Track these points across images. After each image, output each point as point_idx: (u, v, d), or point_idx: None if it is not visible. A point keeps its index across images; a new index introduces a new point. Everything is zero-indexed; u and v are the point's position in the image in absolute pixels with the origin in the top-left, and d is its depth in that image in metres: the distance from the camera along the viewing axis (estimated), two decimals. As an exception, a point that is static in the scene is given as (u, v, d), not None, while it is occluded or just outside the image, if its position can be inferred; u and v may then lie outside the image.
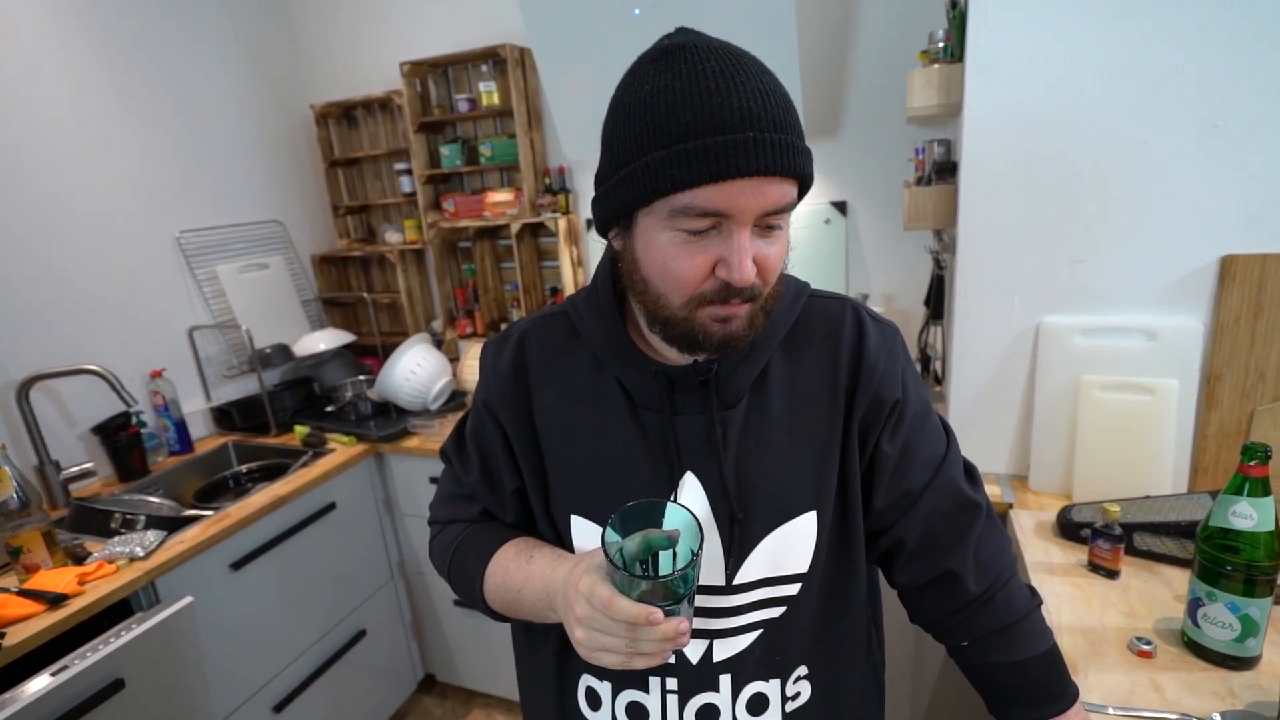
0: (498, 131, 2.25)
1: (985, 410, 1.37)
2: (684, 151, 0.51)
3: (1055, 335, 1.27)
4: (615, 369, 0.65)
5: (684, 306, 0.56)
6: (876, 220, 1.89)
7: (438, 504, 0.79)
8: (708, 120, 0.51)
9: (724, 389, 0.64)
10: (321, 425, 2.03)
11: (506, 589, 0.67)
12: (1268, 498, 0.83)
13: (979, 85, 1.23)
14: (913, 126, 1.74)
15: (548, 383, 0.68)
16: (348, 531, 1.89)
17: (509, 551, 0.69)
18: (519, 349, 0.70)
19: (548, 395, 0.68)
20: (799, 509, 0.64)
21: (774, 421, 0.64)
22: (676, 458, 0.63)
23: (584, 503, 0.65)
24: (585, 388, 0.67)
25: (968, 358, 1.36)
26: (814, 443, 0.64)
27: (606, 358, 0.65)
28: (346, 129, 2.46)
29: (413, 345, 2.04)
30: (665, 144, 0.52)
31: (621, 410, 0.65)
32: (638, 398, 0.65)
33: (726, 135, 0.51)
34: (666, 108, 0.52)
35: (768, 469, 0.63)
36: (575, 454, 0.66)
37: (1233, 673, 0.86)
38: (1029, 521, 1.22)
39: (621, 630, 0.53)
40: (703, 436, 0.63)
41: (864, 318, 0.68)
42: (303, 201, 2.45)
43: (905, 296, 1.88)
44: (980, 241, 1.29)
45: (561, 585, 0.59)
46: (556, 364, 0.68)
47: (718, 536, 0.63)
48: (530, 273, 2.28)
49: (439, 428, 1.91)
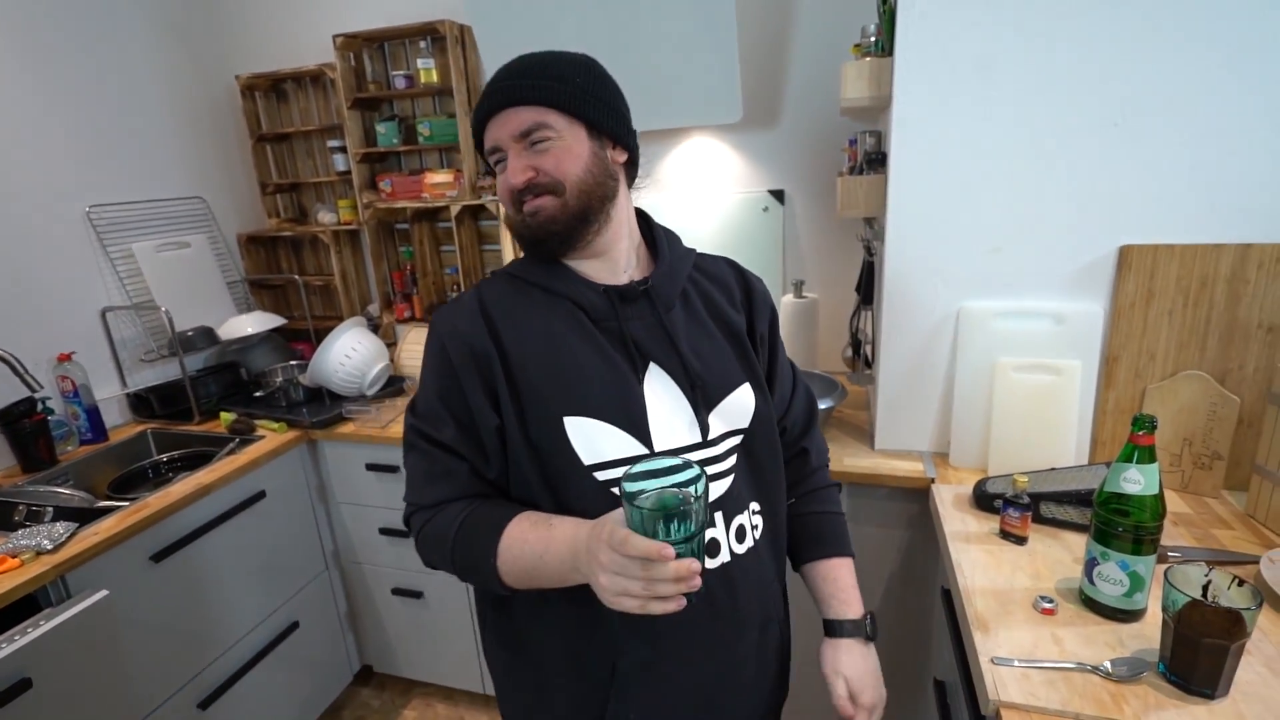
0: (437, 110, 2.20)
1: (912, 391, 1.42)
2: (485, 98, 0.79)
3: (975, 319, 1.33)
4: (570, 293, 0.82)
5: (515, 214, 0.81)
6: (812, 208, 1.94)
7: (418, 488, 0.82)
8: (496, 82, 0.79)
9: (660, 297, 0.84)
10: (250, 412, 1.96)
11: (526, 557, 0.74)
12: (1154, 464, 0.91)
13: (905, 79, 1.27)
14: (846, 118, 1.79)
15: (510, 319, 0.81)
16: (279, 521, 1.83)
17: (522, 524, 0.76)
18: (476, 300, 0.83)
19: (511, 329, 0.80)
20: (737, 380, 0.85)
21: (703, 322, 0.86)
22: (638, 352, 0.81)
23: (573, 404, 0.77)
24: (543, 316, 0.81)
25: (895, 341, 1.41)
26: (733, 337, 0.87)
27: (560, 289, 0.82)
28: (275, 103, 2.35)
29: (347, 329, 1.98)
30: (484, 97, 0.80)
31: (583, 325, 0.81)
32: (593, 313, 0.81)
33: (489, 89, 0.79)
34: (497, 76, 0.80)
35: (708, 353, 0.84)
36: (553, 367, 0.78)
37: (1122, 625, 0.94)
38: (949, 495, 1.29)
39: (638, 570, 0.62)
40: (653, 335, 0.82)
41: (740, 265, 0.96)
42: (227, 178, 2.34)
43: (839, 283, 1.93)
44: (907, 229, 1.33)
45: (586, 541, 0.68)
46: (511, 305, 0.82)
47: (688, 405, 0.81)
48: (470, 256, 2.24)
49: (376, 413, 1.87)
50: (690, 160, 2.01)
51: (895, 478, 1.37)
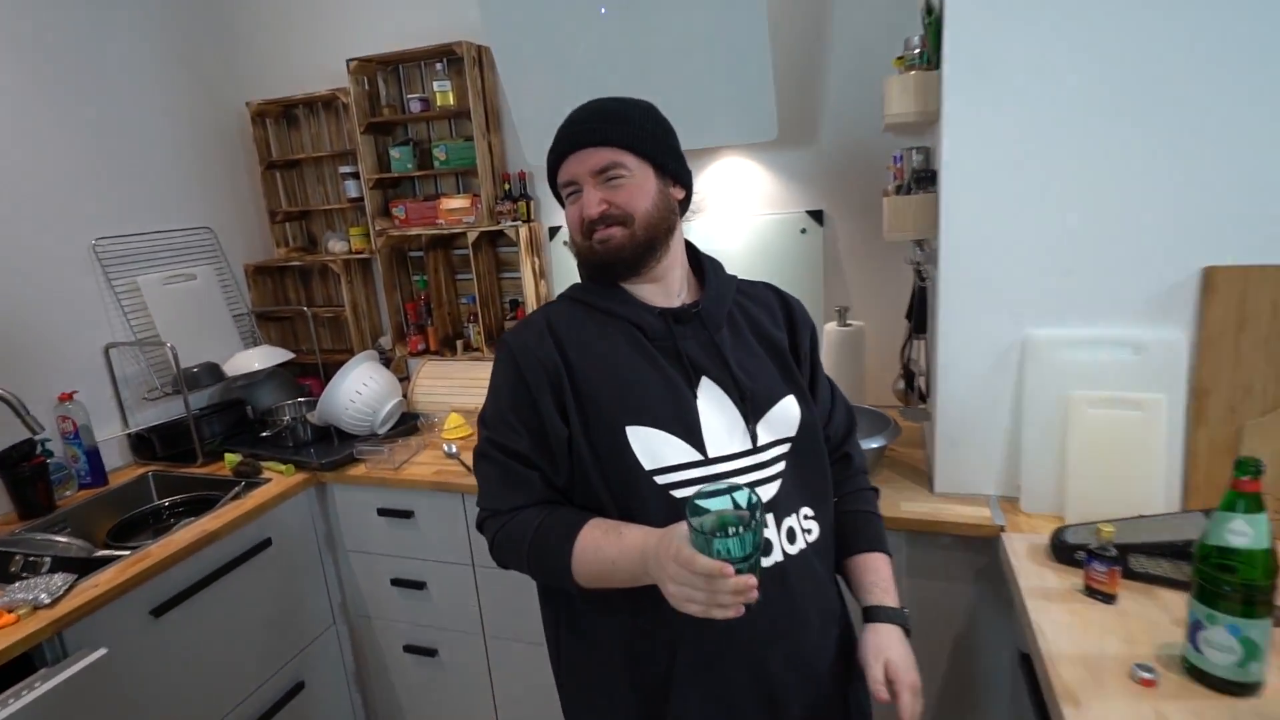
0: (453, 134, 2.24)
1: (974, 428, 1.39)
2: (561, 139, 0.97)
3: (1042, 348, 1.30)
4: (630, 315, 0.96)
5: (583, 241, 0.97)
6: (855, 230, 1.92)
7: (493, 495, 0.96)
8: (570, 124, 0.97)
9: (710, 319, 0.98)
10: (255, 453, 1.96)
11: (600, 562, 0.87)
12: (1262, 514, 0.86)
13: (956, 92, 1.26)
14: (889, 135, 1.77)
15: (575, 338, 0.95)
16: (285, 571, 1.82)
17: (594, 532, 0.88)
18: (545, 320, 0.97)
19: (576, 346, 0.94)
20: (782, 392, 0.98)
21: (748, 341, 1.00)
22: (692, 368, 0.94)
23: (634, 414, 0.90)
24: (605, 335, 0.96)
25: (953, 373, 1.38)
26: (776, 354, 1.01)
27: (621, 311, 0.96)
28: (286, 129, 2.41)
29: (358, 364, 1.99)
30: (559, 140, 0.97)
31: (641, 344, 0.95)
32: (650, 333, 0.95)
33: (569, 128, 0.96)
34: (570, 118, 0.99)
35: (754, 368, 0.97)
36: (615, 381, 0.92)
37: (1237, 699, 0.87)
38: (1021, 545, 1.24)
39: (701, 584, 0.74)
40: (705, 352, 0.96)
41: (779, 289, 1.09)
42: (236, 207, 2.39)
43: (887, 309, 1.90)
44: (963, 252, 1.32)
45: (655, 551, 0.80)
46: (576, 325, 0.97)
47: (739, 415, 0.93)
48: (488, 284, 2.25)
49: (388, 454, 1.86)
50: (723, 181, 2.00)
51: (959, 525, 1.33)
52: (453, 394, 2.20)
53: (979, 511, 1.36)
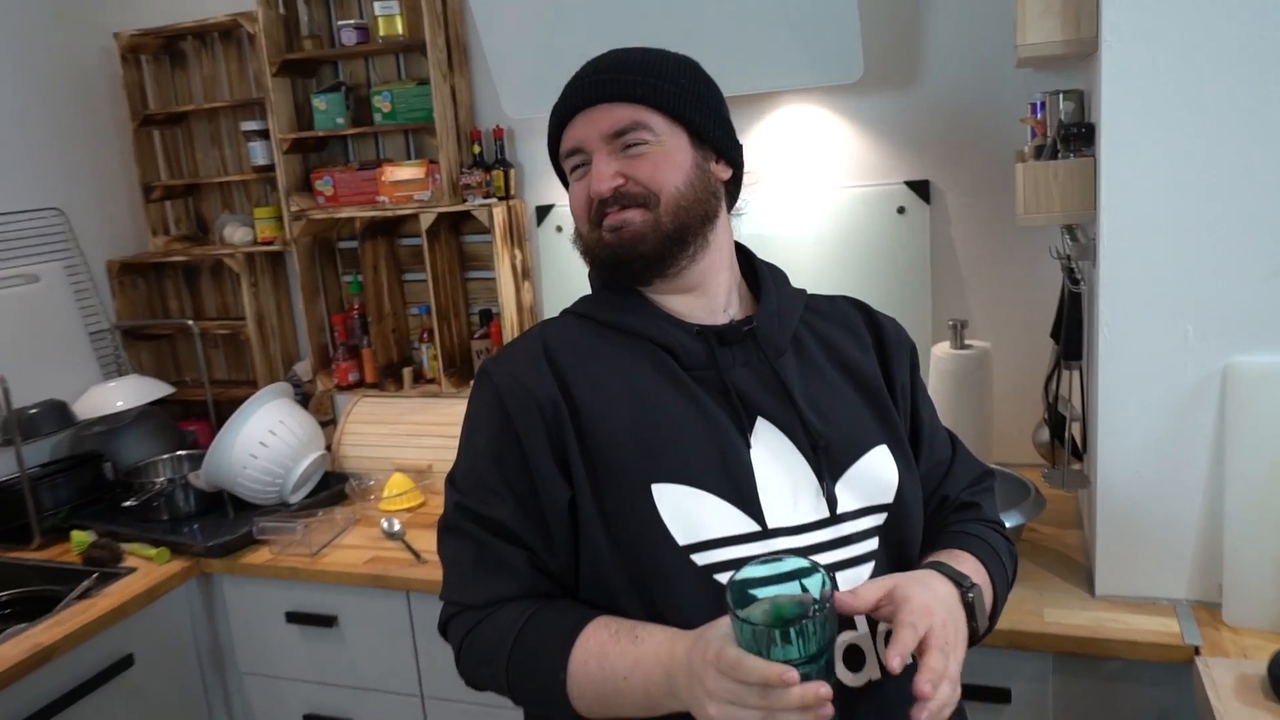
0: (402, 75, 2.27)
1: (1152, 501, 1.38)
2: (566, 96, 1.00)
3: (1253, 383, 1.28)
4: (656, 334, 0.97)
5: (590, 231, 0.99)
6: (975, 209, 1.91)
7: (462, 584, 0.97)
8: (580, 76, 1.00)
9: (769, 339, 0.99)
10: (115, 530, 1.98)
11: (607, 678, 0.86)
12: None
13: (1127, 10, 1.26)
14: (1026, 71, 1.78)
15: (582, 367, 0.96)
16: (152, 704, 1.82)
17: (599, 634, 0.88)
18: (539, 344, 0.99)
19: (584, 378, 0.96)
20: (871, 441, 0.98)
21: (822, 370, 1.01)
22: (743, 406, 0.95)
23: (663, 468, 0.91)
24: (623, 363, 0.97)
25: (1121, 419, 1.37)
26: (863, 387, 1.02)
27: (644, 328, 0.98)
28: (169, 70, 2.46)
29: (264, 402, 2.01)
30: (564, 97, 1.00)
31: (673, 373, 0.96)
32: (685, 358, 0.97)
33: (576, 83, 0.99)
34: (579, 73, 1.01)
35: (831, 406, 0.98)
36: (637, 423, 0.93)
37: None
38: (1226, 675, 1.21)
39: (755, 698, 0.73)
40: (762, 384, 0.97)
41: (865, 304, 1.13)
42: (96, 179, 2.43)
43: (1022, 325, 1.89)
44: (1135, 242, 1.32)
45: (685, 661, 0.80)
46: (582, 349, 0.98)
47: (810, 471, 0.94)
48: (449, 288, 2.27)
49: (303, 534, 1.87)
50: (782, 138, 2.01)
51: (1132, 644, 1.32)
52: (397, 446, 2.20)
53: (1162, 624, 1.34)
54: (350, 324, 2.35)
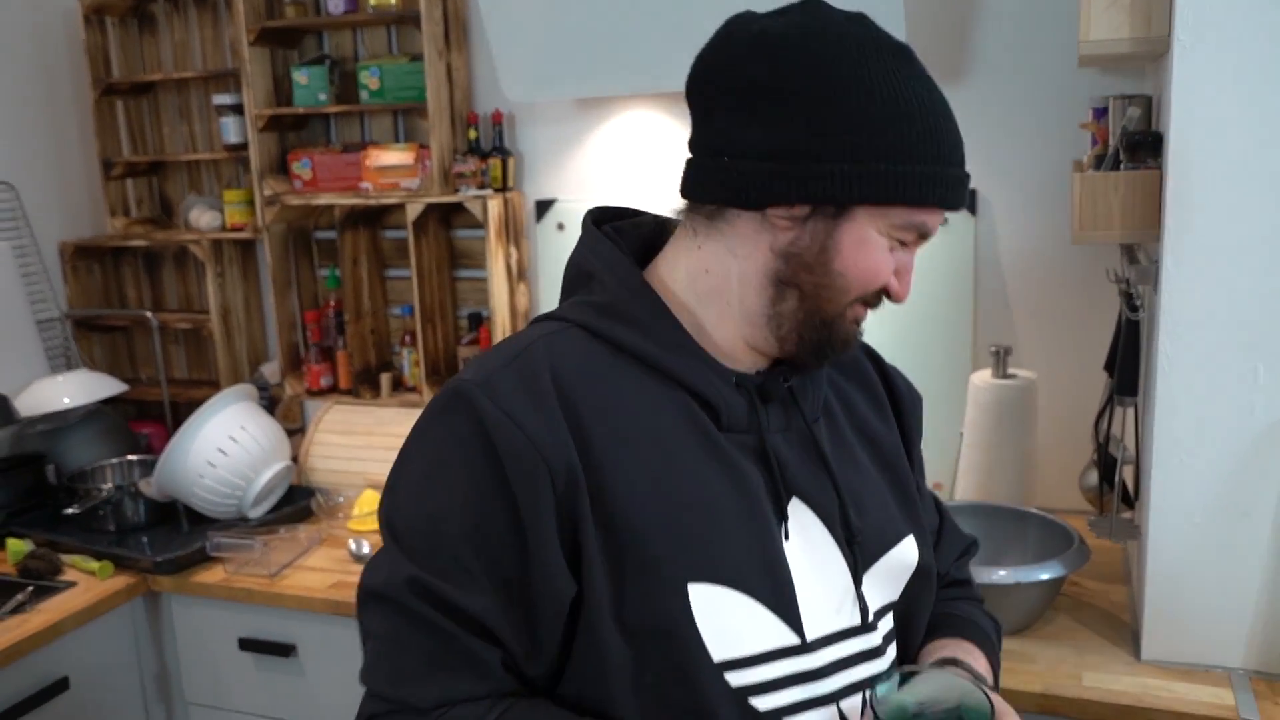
0: (393, 49, 2.27)
1: (1208, 557, 1.37)
2: (946, 176, 0.82)
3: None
4: (693, 380, 0.84)
5: (848, 305, 0.85)
6: (1025, 224, 1.90)
7: (403, 679, 0.80)
8: (953, 150, 0.83)
9: (807, 401, 0.90)
10: (55, 539, 1.97)
11: None
12: None
13: (1204, 7, 1.25)
14: (1089, 72, 1.77)
15: (602, 420, 0.80)
16: (87, 731, 1.80)
17: None
18: (548, 370, 0.81)
19: (608, 438, 0.80)
20: (900, 531, 0.94)
21: (850, 441, 0.95)
22: (783, 481, 0.86)
23: (702, 566, 0.80)
24: (650, 413, 0.83)
25: (1177, 463, 1.36)
26: (884, 464, 0.97)
27: (680, 371, 0.84)
28: (136, 35, 2.45)
29: (225, 405, 2.00)
30: (936, 161, 0.81)
31: (706, 434, 0.83)
32: (725, 416, 0.84)
33: (958, 169, 0.83)
34: (936, 122, 0.82)
35: (859, 486, 0.92)
36: (670, 505, 0.80)
37: None
38: (1290, 758, 1.20)
39: None
40: (802, 455, 0.88)
41: (871, 348, 1.05)
42: (51, 153, 2.43)
43: (1072, 355, 1.88)
44: (1201, 268, 1.30)
45: None
46: (600, 385, 0.82)
47: (845, 567, 0.88)
48: (436, 286, 2.26)
49: (262, 551, 1.85)
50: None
51: (1180, 715, 1.32)
52: (371, 460, 2.19)
53: (1215, 695, 1.33)
54: (325, 323, 2.35)
